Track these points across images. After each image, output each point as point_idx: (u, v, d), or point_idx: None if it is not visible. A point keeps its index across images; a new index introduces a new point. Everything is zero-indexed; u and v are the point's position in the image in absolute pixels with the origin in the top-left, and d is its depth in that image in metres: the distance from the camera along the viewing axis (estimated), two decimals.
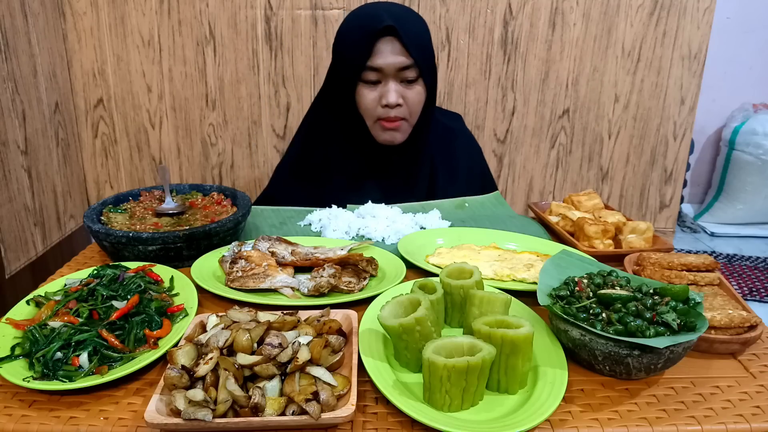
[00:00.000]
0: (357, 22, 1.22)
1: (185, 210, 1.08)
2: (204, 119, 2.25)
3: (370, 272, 0.90)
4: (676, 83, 2.24)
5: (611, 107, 2.28)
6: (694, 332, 0.63)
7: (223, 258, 0.94)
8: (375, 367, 0.64)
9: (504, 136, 2.32)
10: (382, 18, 1.15)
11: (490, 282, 0.86)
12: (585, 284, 0.71)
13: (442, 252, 0.98)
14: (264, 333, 0.64)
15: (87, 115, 2.26)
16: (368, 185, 1.31)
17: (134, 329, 0.71)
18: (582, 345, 0.65)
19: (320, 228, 1.12)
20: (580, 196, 1.19)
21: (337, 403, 0.59)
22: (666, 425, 0.60)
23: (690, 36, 2.17)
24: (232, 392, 0.57)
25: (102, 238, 0.93)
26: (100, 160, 2.33)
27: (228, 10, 2.12)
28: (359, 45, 1.17)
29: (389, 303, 0.68)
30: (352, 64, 1.19)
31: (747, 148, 2.93)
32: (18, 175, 1.88)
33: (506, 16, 2.15)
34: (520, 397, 0.63)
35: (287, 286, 0.86)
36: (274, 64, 2.18)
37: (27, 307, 0.77)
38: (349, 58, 1.20)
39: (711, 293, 0.81)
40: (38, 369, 0.65)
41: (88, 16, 2.13)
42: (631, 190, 2.40)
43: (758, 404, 0.63)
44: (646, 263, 0.88)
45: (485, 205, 1.28)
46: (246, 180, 2.34)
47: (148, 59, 2.18)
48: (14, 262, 1.87)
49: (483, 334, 0.62)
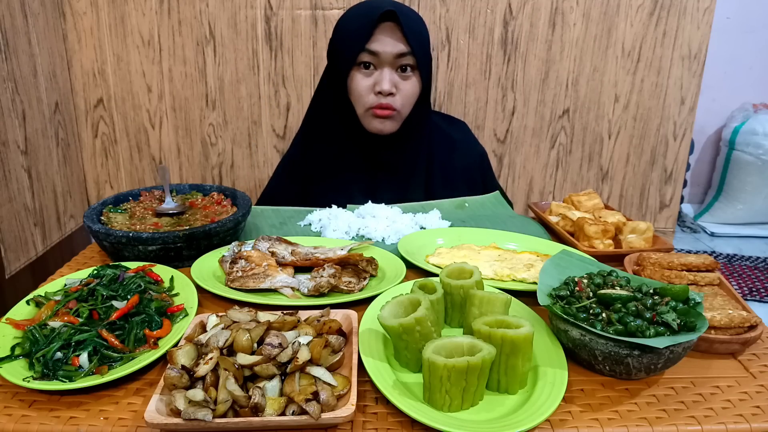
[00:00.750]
0: (357, 11, 1.23)
1: (185, 210, 1.08)
2: (204, 119, 2.25)
3: (370, 272, 0.90)
4: (676, 83, 2.24)
5: (611, 107, 2.28)
6: (694, 332, 0.63)
7: (223, 258, 0.94)
8: (375, 367, 0.64)
9: (504, 136, 2.32)
10: (383, 5, 1.17)
11: (490, 282, 0.86)
12: (585, 284, 0.71)
13: (442, 252, 0.98)
14: (264, 333, 0.64)
15: (87, 115, 2.26)
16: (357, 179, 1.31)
17: (134, 329, 0.71)
18: (582, 345, 0.65)
19: (320, 228, 1.12)
20: (580, 196, 1.19)
21: (337, 403, 0.59)
22: (666, 425, 0.60)
23: (690, 36, 2.17)
24: (232, 392, 0.57)
25: (102, 238, 0.93)
26: (100, 160, 2.33)
27: (228, 10, 2.12)
28: (359, 30, 1.18)
29: (389, 303, 0.67)
30: (351, 47, 1.19)
31: (747, 148, 2.93)
32: (18, 175, 1.88)
33: (506, 16, 2.15)
34: (520, 397, 0.63)
35: (287, 286, 0.86)
36: (274, 64, 2.18)
37: (27, 307, 0.77)
38: (348, 43, 1.20)
39: (711, 293, 0.81)
40: (38, 369, 0.65)
41: (88, 16, 2.13)
42: (631, 190, 2.40)
43: (758, 404, 0.63)
44: (646, 263, 0.88)
45: (485, 205, 1.28)
46: (246, 180, 2.34)
47: (148, 59, 2.18)
48: (14, 262, 1.87)
49: (483, 334, 0.62)
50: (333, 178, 1.32)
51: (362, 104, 1.23)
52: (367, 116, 1.25)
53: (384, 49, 1.18)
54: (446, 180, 1.36)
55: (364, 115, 1.25)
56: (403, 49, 1.18)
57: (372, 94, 1.21)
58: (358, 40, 1.18)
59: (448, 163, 1.37)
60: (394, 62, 1.19)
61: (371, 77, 1.21)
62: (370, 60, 1.19)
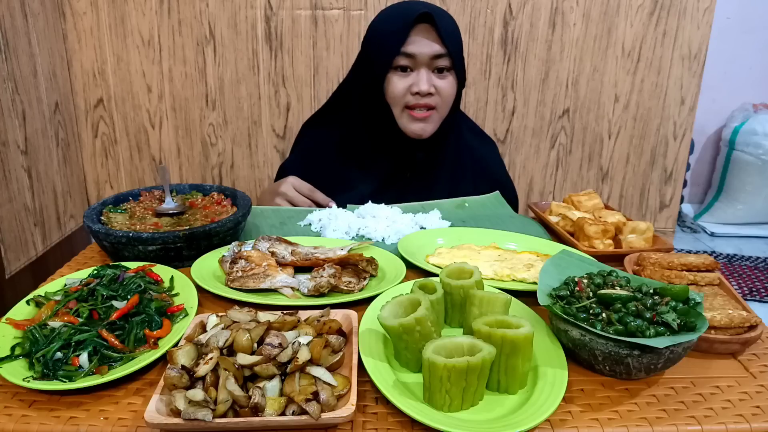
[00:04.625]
0: (392, 13, 1.23)
1: (185, 210, 1.08)
2: (204, 119, 2.25)
3: (370, 272, 0.90)
4: (676, 83, 2.24)
5: (611, 107, 2.28)
6: (694, 332, 0.63)
7: (223, 258, 0.94)
8: (375, 367, 0.64)
9: (504, 136, 2.32)
10: (418, 7, 1.17)
11: (490, 282, 0.86)
12: (585, 284, 0.71)
13: (442, 252, 0.98)
14: (264, 333, 0.64)
15: (87, 115, 2.26)
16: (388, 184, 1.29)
17: (134, 329, 0.71)
18: (582, 345, 0.65)
19: (320, 228, 1.12)
20: (580, 196, 1.19)
21: (337, 403, 0.59)
22: (666, 425, 0.60)
23: (690, 36, 2.18)
24: (232, 392, 0.57)
25: (102, 238, 0.93)
26: (100, 160, 2.33)
27: (228, 10, 2.12)
28: (394, 32, 1.18)
29: (389, 303, 0.67)
30: (386, 50, 1.18)
31: (747, 148, 2.93)
32: (18, 175, 1.88)
33: (506, 16, 2.15)
34: (520, 397, 0.63)
35: (287, 286, 0.86)
36: (274, 64, 2.18)
37: (27, 307, 0.77)
38: (383, 46, 1.20)
39: (711, 293, 0.81)
40: (38, 369, 0.65)
41: (88, 16, 2.13)
42: (631, 190, 2.40)
43: (758, 404, 0.63)
44: (646, 263, 0.88)
45: (485, 205, 1.27)
46: (246, 180, 2.34)
47: (148, 59, 2.18)
48: (14, 262, 1.87)
49: (483, 334, 0.62)
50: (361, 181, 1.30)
51: (398, 104, 1.22)
52: (404, 117, 1.23)
53: (421, 50, 1.17)
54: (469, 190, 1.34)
55: (401, 116, 1.23)
56: (439, 50, 1.17)
57: (409, 95, 1.20)
58: (394, 43, 1.17)
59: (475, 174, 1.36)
60: (430, 63, 1.18)
61: (407, 78, 1.20)
62: (406, 63, 1.18)
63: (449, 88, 1.22)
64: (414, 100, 1.20)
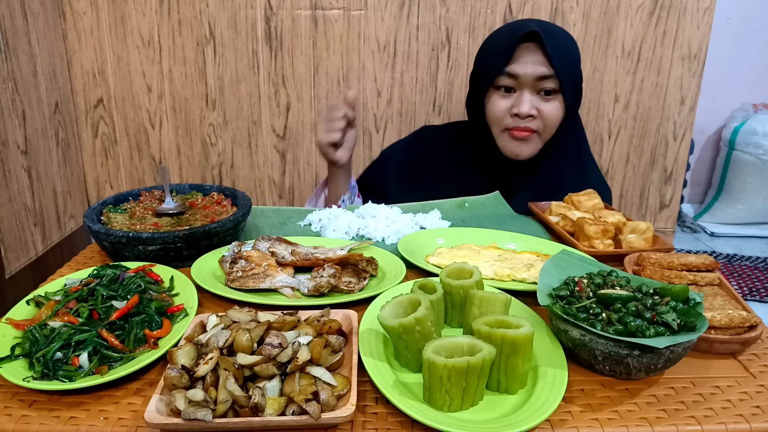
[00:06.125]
0: (504, 30, 1.19)
1: (185, 210, 1.08)
2: (204, 119, 2.25)
3: (370, 272, 0.90)
4: (676, 83, 2.24)
5: (611, 107, 2.28)
6: (694, 332, 0.63)
7: (223, 258, 0.94)
8: (375, 367, 0.64)
9: None
10: (528, 25, 1.13)
11: (490, 282, 0.86)
12: (585, 284, 0.71)
13: (442, 252, 0.98)
14: (264, 333, 0.64)
15: (87, 115, 2.26)
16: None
17: (134, 329, 0.71)
18: (582, 345, 0.65)
19: (320, 228, 1.12)
20: (580, 196, 1.19)
21: (337, 403, 0.59)
22: (666, 425, 0.60)
23: (690, 36, 2.17)
24: (232, 392, 0.57)
25: (102, 238, 0.93)
26: (100, 160, 2.33)
27: (228, 10, 2.11)
28: (500, 49, 1.14)
29: (389, 303, 0.67)
30: (490, 69, 1.15)
31: (747, 148, 2.93)
32: (18, 175, 1.88)
33: (506, 16, 2.15)
34: (520, 397, 0.63)
35: (287, 286, 0.86)
36: (274, 64, 2.18)
37: (27, 307, 0.77)
38: (488, 65, 1.16)
39: (711, 293, 0.81)
40: (38, 369, 0.65)
41: (88, 16, 2.13)
42: (631, 190, 2.40)
43: (758, 404, 0.63)
44: (646, 263, 0.88)
45: (485, 205, 1.27)
46: (246, 180, 2.34)
47: (148, 59, 2.18)
48: (14, 262, 1.87)
49: (483, 334, 0.62)
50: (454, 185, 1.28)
51: (497, 125, 1.18)
52: (503, 138, 1.19)
53: (524, 71, 1.12)
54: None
55: (500, 137, 1.19)
56: (544, 71, 1.12)
57: (508, 116, 1.16)
58: (498, 61, 1.13)
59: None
60: (534, 85, 1.13)
61: (509, 99, 1.15)
62: (509, 83, 1.14)
63: (554, 112, 1.16)
64: (513, 122, 1.16)
